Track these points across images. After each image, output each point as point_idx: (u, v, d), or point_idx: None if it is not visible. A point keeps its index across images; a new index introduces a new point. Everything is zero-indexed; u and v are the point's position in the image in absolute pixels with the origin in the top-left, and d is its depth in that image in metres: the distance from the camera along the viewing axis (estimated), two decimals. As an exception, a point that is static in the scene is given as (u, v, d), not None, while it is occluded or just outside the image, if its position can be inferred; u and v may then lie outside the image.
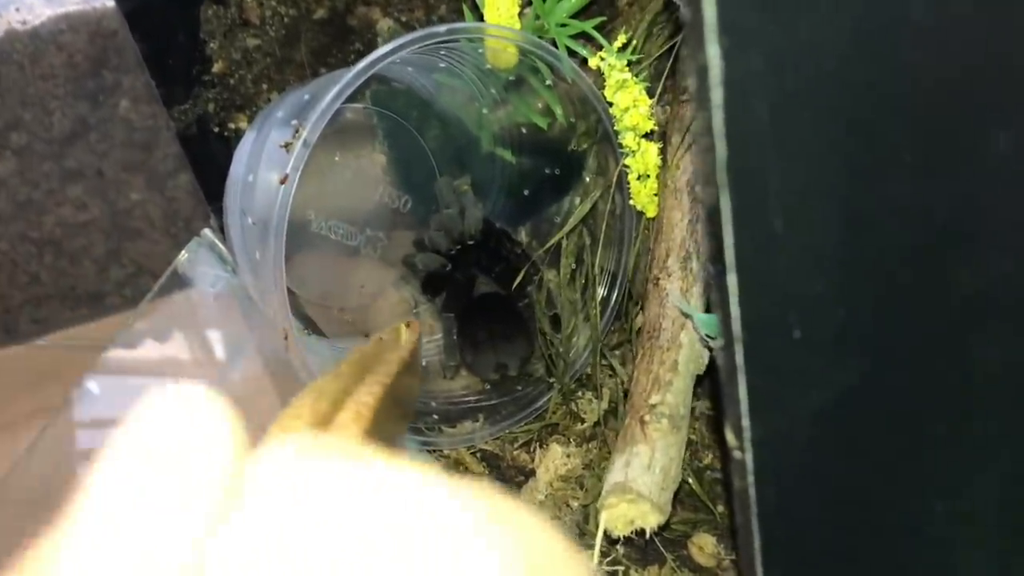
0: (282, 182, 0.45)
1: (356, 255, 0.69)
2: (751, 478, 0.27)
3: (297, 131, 0.46)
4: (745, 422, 0.26)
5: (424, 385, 0.63)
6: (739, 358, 0.25)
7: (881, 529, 0.29)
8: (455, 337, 0.61)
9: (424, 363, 0.67)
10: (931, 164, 0.24)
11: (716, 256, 0.23)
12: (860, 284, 0.26)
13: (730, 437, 0.27)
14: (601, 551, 0.46)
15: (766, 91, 0.21)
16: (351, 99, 0.64)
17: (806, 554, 0.29)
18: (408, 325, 0.39)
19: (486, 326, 0.60)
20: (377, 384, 0.22)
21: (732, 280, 0.23)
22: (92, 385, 0.92)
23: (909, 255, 0.25)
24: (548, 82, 0.59)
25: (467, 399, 0.61)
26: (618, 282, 0.61)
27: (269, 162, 0.53)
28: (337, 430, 0.20)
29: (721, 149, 0.21)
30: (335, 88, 0.46)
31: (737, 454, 0.27)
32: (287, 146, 0.46)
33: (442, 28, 0.51)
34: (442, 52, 0.58)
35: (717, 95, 0.20)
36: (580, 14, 0.61)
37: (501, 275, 0.63)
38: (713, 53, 0.20)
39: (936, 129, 0.24)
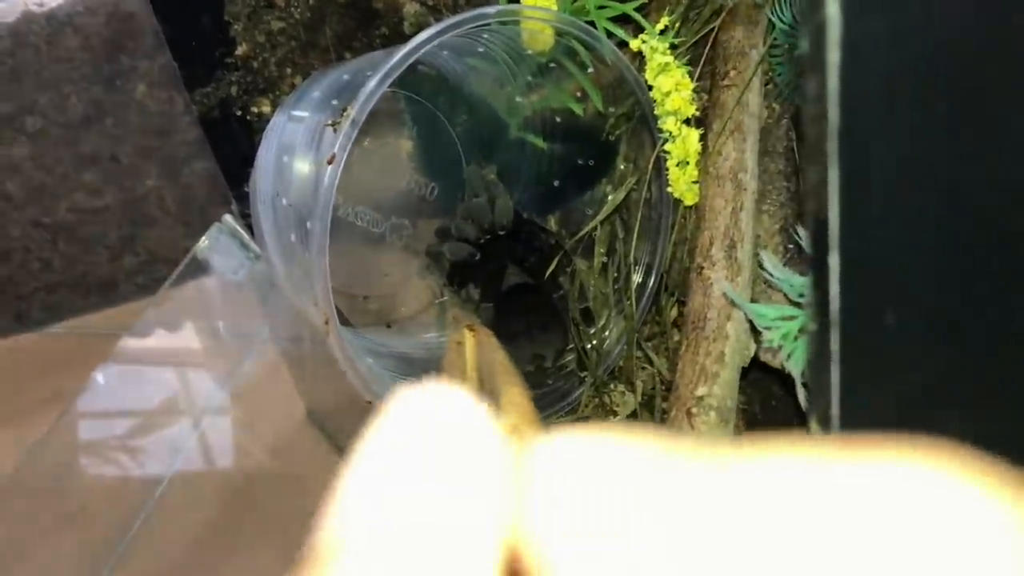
0: (329, 162, 0.44)
1: (381, 242, 0.67)
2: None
3: (344, 111, 0.44)
4: (835, 411, 0.25)
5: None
6: (835, 344, 0.23)
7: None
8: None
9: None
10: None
11: (818, 234, 0.22)
12: (958, 268, 0.24)
13: (815, 428, 0.25)
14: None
15: (884, 56, 0.20)
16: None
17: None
18: (470, 328, 0.38)
19: (522, 317, 0.59)
20: (514, 387, 0.21)
21: (834, 260, 0.22)
22: (103, 375, 0.91)
23: (1012, 241, 0.24)
24: (589, 69, 0.57)
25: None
26: (653, 272, 0.60)
27: (307, 143, 0.52)
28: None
29: (834, 116, 0.20)
30: (385, 67, 0.44)
31: (822, 445, 0.25)
32: (334, 125, 0.45)
33: (492, 10, 0.50)
34: (484, 36, 0.57)
35: (834, 57, 0.19)
36: (615, -2, 0.60)
37: (533, 266, 0.62)
38: (833, 11, 0.19)
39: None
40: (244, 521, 0.80)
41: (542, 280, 0.61)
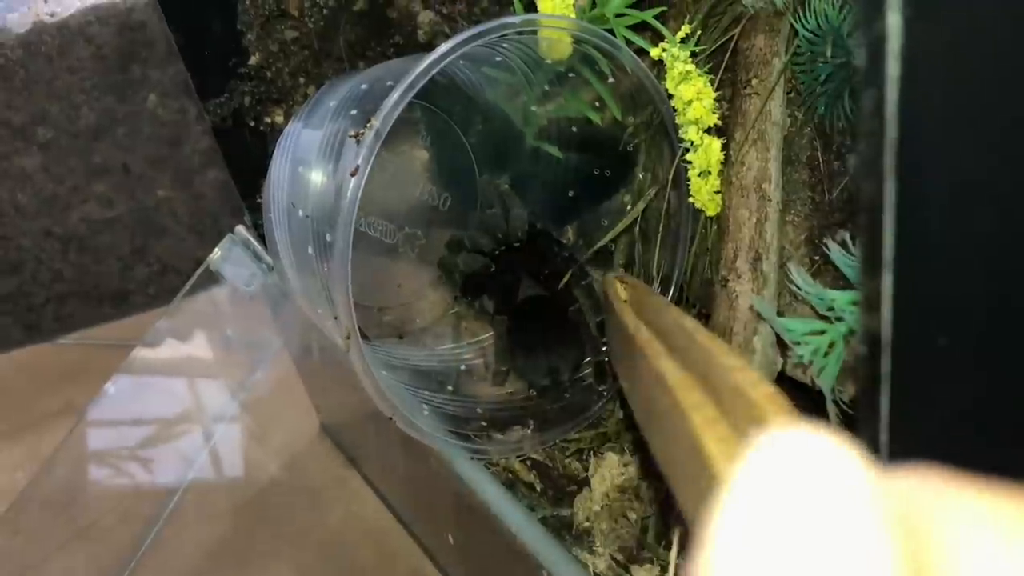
0: (352, 174, 0.43)
1: (394, 253, 0.67)
2: (884, 499, 0.24)
3: (368, 121, 0.43)
4: (884, 437, 0.23)
5: (469, 390, 0.60)
6: (885, 366, 0.22)
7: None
8: (504, 339, 0.59)
9: (466, 368, 0.65)
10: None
11: (871, 254, 0.21)
12: (1015, 291, 0.23)
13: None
14: (671, 565, 0.44)
15: (945, 69, 0.19)
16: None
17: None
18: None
19: (537, 330, 0.58)
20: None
21: (887, 280, 0.21)
22: (115, 387, 0.91)
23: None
24: (609, 78, 0.56)
25: (515, 404, 0.59)
26: (672, 283, 0.59)
27: (325, 153, 0.51)
28: None
29: (892, 131, 0.19)
30: (410, 77, 0.44)
31: (869, 472, 0.24)
32: (357, 137, 0.44)
33: (515, 19, 0.49)
34: (504, 45, 0.56)
35: (894, 69, 0.18)
36: (634, 5, 0.59)
37: (548, 278, 0.61)
38: (893, 23, 0.18)
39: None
40: (256, 533, 0.80)
41: (556, 292, 0.60)
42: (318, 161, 0.52)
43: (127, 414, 0.91)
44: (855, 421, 0.27)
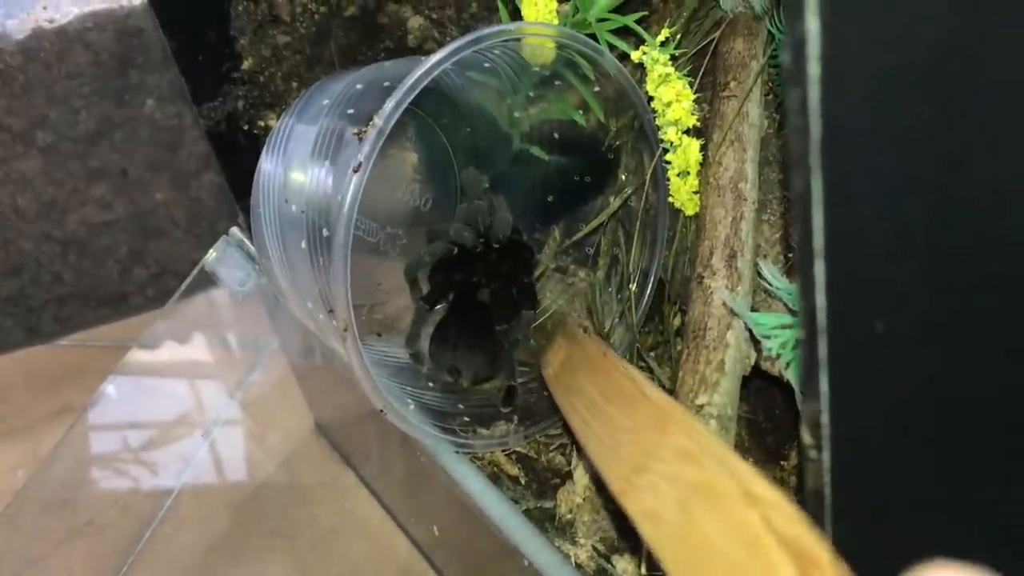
0: (356, 170, 0.45)
1: (376, 252, 0.68)
2: (827, 477, 0.26)
3: (370, 119, 0.45)
4: (824, 419, 0.25)
5: (452, 386, 0.61)
6: (822, 351, 0.24)
7: (962, 532, 0.28)
8: (423, 326, 0.59)
9: None
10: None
11: (804, 243, 0.22)
12: (946, 275, 0.24)
13: (806, 436, 0.26)
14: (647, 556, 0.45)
15: (864, 68, 0.20)
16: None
17: (880, 559, 0.28)
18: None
19: (457, 326, 0.58)
20: None
21: (819, 268, 0.22)
22: (113, 387, 0.92)
23: (997, 247, 0.24)
24: (594, 82, 0.58)
25: (484, 397, 0.61)
26: (649, 279, 0.60)
27: (320, 150, 0.53)
28: None
29: (816, 129, 0.20)
30: (413, 77, 0.46)
31: (813, 453, 0.26)
32: (359, 134, 0.46)
33: (512, 26, 0.51)
34: (496, 52, 0.58)
35: (814, 70, 0.19)
36: (617, 10, 0.61)
37: (497, 291, 0.61)
38: (812, 27, 0.19)
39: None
40: (253, 532, 0.81)
41: (496, 306, 0.60)
42: (313, 157, 0.53)
43: (125, 414, 0.92)
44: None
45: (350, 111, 0.53)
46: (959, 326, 0.25)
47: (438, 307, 0.60)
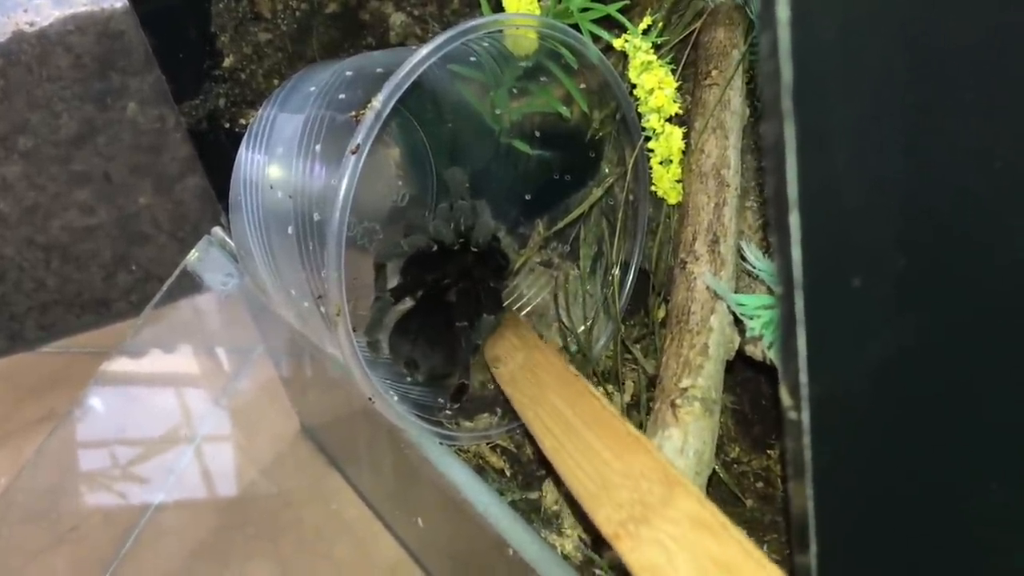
0: (353, 152, 0.45)
1: (353, 246, 0.67)
2: (807, 439, 0.25)
3: (368, 102, 0.45)
4: (803, 378, 0.24)
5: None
6: (799, 307, 0.23)
7: (938, 494, 0.27)
8: (385, 315, 0.59)
9: None
10: (1003, 102, 0.23)
11: (778, 193, 0.22)
12: (921, 228, 0.24)
13: (785, 397, 0.25)
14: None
15: (833, 11, 0.20)
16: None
17: (860, 518, 0.28)
18: None
19: (420, 321, 0.58)
20: None
21: (794, 219, 0.22)
22: (96, 394, 0.91)
23: (971, 198, 0.24)
24: (576, 73, 0.58)
25: (481, 394, 0.60)
26: (631, 268, 0.60)
27: (308, 136, 0.52)
28: None
29: (787, 72, 0.20)
30: (412, 61, 0.46)
31: (792, 414, 0.25)
32: (357, 117, 0.46)
33: (503, 16, 0.52)
34: (484, 43, 0.58)
35: (784, 12, 0.19)
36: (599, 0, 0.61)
37: (463, 292, 0.61)
38: (781, -34, 0.19)
39: (1000, 68, 0.23)
40: (238, 536, 0.80)
41: (459, 304, 0.60)
42: (302, 143, 0.53)
43: (109, 420, 0.91)
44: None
45: (341, 96, 0.53)
46: (935, 281, 0.25)
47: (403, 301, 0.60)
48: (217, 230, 0.74)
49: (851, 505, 0.27)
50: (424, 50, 0.47)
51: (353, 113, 0.50)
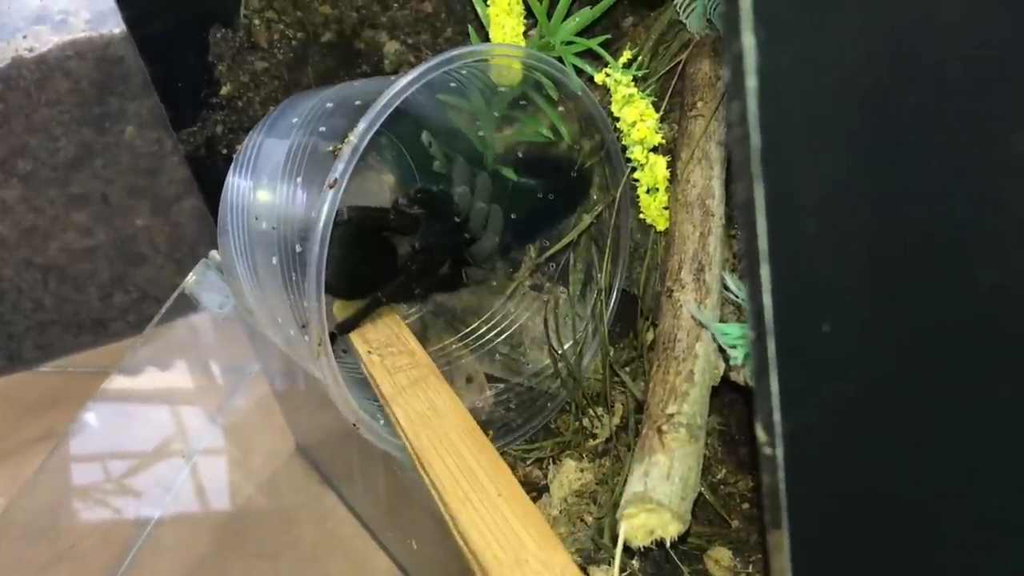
0: (331, 186, 0.46)
1: None
2: (781, 473, 0.27)
3: (346, 137, 0.47)
4: (776, 416, 0.26)
5: None
6: (771, 351, 0.25)
7: (910, 525, 0.29)
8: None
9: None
10: (959, 158, 0.25)
11: (750, 248, 0.23)
12: (886, 278, 0.26)
13: (760, 433, 0.27)
14: (620, 564, 0.46)
15: (798, 82, 0.21)
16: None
17: (836, 548, 0.29)
18: None
19: (360, 244, 0.60)
20: None
21: (765, 271, 0.23)
22: (94, 413, 0.92)
23: (933, 250, 0.26)
24: (556, 101, 0.59)
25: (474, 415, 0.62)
26: (613, 293, 0.62)
27: (292, 166, 0.54)
28: None
29: (755, 138, 0.21)
30: (387, 96, 0.47)
31: (767, 450, 0.27)
32: (335, 151, 0.47)
33: (481, 47, 0.52)
34: (463, 72, 0.59)
35: (752, 83, 0.21)
36: (584, 33, 0.62)
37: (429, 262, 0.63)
38: (748, 43, 0.20)
39: (959, 126, 0.24)
40: (235, 555, 0.81)
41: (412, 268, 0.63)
42: (284, 174, 0.54)
43: (106, 439, 0.92)
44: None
45: (321, 129, 0.54)
46: (899, 326, 0.26)
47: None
48: (214, 253, 0.76)
49: (825, 535, 0.29)
50: (402, 81, 0.48)
51: (331, 147, 0.51)
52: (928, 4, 0.23)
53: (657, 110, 0.58)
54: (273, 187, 0.55)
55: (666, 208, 0.57)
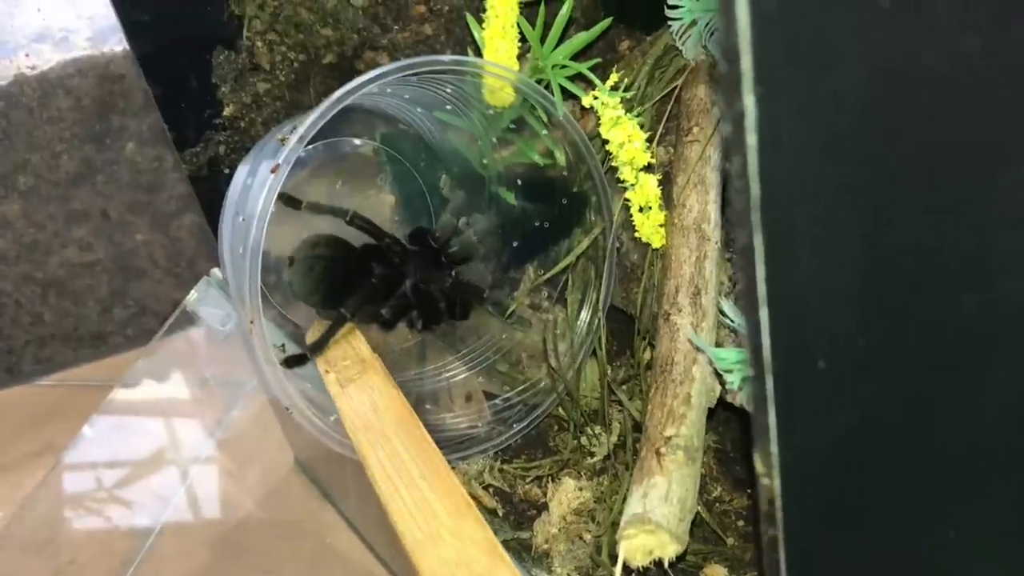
0: (273, 171, 0.47)
1: None
2: (779, 502, 0.28)
3: (295, 127, 0.48)
4: (774, 448, 0.27)
5: (427, 418, 0.63)
6: (769, 387, 0.26)
7: (902, 552, 0.30)
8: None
9: (428, 390, 0.69)
10: (945, 204, 0.26)
11: (749, 292, 0.24)
12: (880, 317, 0.27)
13: (759, 464, 0.28)
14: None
15: (796, 137, 0.23)
16: (359, 134, 0.67)
17: (830, 571, 0.30)
18: None
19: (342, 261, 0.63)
20: None
21: (764, 314, 0.25)
22: (93, 427, 0.93)
23: (925, 289, 0.27)
24: (544, 125, 0.61)
25: (460, 427, 0.63)
26: (599, 310, 0.63)
27: (259, 157, 0.56)
28: None
29: (755, 190, 0.23)
30: (340, 92, 0.50)
31: (765, 480, 0.28)
32: (283, 140, 0.49)
33: (446, 58, 0.54)
34: (447, 91, 0.60)
35: (752, 139, 0.22)
36: (580, 56, 0.64)
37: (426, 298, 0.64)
38: (749, 102, 0.21)
39: (949, 170, 0.26)
40: (234, 569, 0.82)
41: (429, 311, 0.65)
42: (261, 174, 0.56)
43: (105, 454, 0.93)
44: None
45: (286, 128, 0.57)
46: (891, 362, 0.27)
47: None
48: (216, 271, 0.77)
49: (821, 561, 0.30)
50: (358, 80, 0.50)
51: (280, 137, 0.53)
52: (916, 60, 0.24)
53: (652, 133, 0.59)
54: (251, 185, 0.56)
55: (661, 225, 0.58)
